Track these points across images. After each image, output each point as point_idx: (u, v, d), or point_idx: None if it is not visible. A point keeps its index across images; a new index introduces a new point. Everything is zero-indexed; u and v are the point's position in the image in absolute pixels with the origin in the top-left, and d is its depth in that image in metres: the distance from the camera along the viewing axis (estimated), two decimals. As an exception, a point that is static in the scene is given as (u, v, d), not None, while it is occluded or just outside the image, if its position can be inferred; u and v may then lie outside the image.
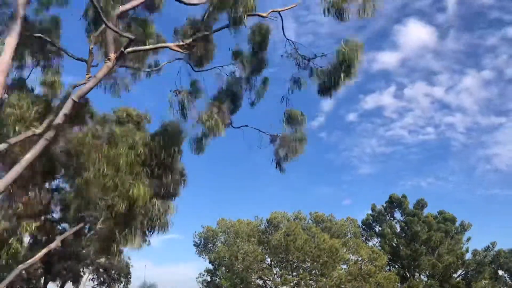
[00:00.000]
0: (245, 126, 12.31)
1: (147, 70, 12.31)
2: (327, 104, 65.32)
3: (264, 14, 10.15)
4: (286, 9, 10.33)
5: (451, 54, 57.74)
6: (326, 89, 10.63)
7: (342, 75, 9.94)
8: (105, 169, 9.45)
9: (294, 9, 10.54)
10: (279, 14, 10.32)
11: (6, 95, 11.11)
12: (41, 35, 10.93)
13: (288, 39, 10.89)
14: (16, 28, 8.24)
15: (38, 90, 12.37)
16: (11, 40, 8.19)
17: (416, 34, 52.92)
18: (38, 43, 11.46)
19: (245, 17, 9.32)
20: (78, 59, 11.10)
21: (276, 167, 12.13)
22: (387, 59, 54.43)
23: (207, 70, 11.88)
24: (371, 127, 60.31)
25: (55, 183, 19.43)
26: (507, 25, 58.62)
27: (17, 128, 10.11)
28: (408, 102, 59.55)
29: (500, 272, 47.80)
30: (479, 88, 59.46)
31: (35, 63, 12.24)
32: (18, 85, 12.00)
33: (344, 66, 9.88)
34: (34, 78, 12.33)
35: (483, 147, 64.61)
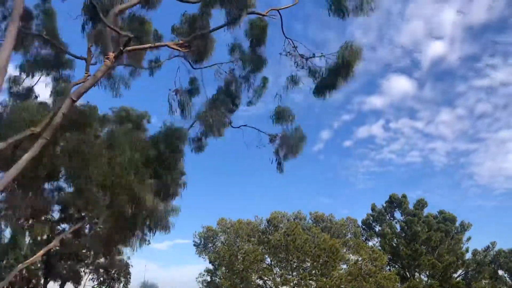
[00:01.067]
0: (244, 125, 12.31)
1: (146, 67, 12.29)
2: (325, 133, 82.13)
3: (264, 13, 10.13)
4: (285, 8, 10.31)
5: (429, 98, 76.36)
6: (322, 90, 10.61)
7: (339, 78, 9.93)
8: (106, 169, 9.44)
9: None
10: (279, 12, 10.30)
11: (15, 102, 11.15)
12: (40, 33, 10.92)
13: (287, 37, 10.87)
14: (14, 26, 8.23)
15: (44, 97, 12.42)
16: (11, 37, 8.18)
17: (399, 84, 71.94)
18: (37, 41, 11.44)
19: (243, 16, 9.29)
20: (77, 57, 11.08)
21: (277, 168, 12.13)
22: (376, 101, 72.55)
23: (206, 67, 11.86)
24: (365, 151, 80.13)
25: (55, 183, 19.42)
26: (472, 78, 79.19)
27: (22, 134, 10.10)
28: (394, 133, 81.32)
29: (500, 272, 47.78)
30: (454, 121, 76.76)
31: (46, 73, 12.27)
32: (26, 93, 12.06)
33: (342, 68, 9.87)
34: (44, 86, 12.40)
35: (463, 168, 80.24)
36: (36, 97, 12.40)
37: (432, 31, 59.98)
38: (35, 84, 12.52)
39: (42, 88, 12.59)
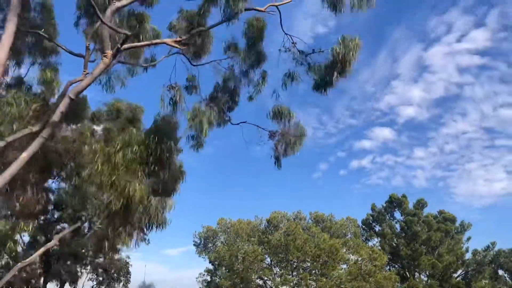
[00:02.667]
0: (244, 122, 12.23)
1: (144, 65, 12.21)
2: (323, 165, 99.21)
3: (262, 9, 10.06)
4: (284, 3, 10.24)
5: (406, 142, 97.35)
6: (320, 86, 10.55)
7: (336, 74, 9.88)
8: (101, 167, 9.38)
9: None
10: (277, 8, 10.22)
11: (3, 93, 11.08)
12: (38, 31, 10.86)
13: (286, 33, 10.81)
14: (12, 23, 8.19)
15: (35, 88, 12.30)
16: (8, 35, 8.14)
17: (382, 132, 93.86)
18: (35, 40, 11.39)
19: (240, 12, 9.22)
20: (75, 54, 11.02)
21: (275, 163, 12.05)
22: (364, 144, 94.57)
23: (204, 64, 11.79)
24: (357, 178, 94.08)
25: (53, 182, 19.38)
26: (439, 128, 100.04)
27: (14, 126, 10.06)
28: (380, 165, 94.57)
29: (500, 272, 47.72)
30: (429, 156, 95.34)
31: (33, 61, 12.16)
32: (16, 83, 11.94)
33: (339, 64, 9.82)
34: (32, 76, 12.27)
35: (442, 189, 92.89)
36: (28, 88, 12.27)
37: (404, 101, 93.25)
38: (26, 75, 12.43)
39: (32, 78, 12.45)
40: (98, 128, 11.86)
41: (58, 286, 30.62)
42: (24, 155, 8.57)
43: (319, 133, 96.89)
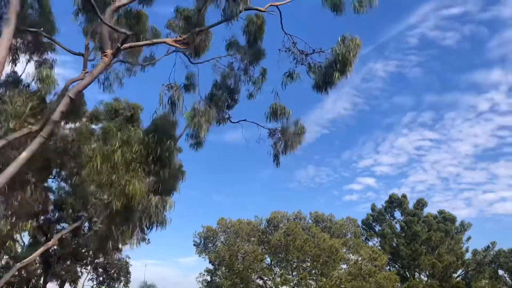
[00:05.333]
0: (244, 120, 12.21)
1: (143, 63, 12.17)
2: (322, 198, 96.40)
3: (262, 9, 10.04)
4: (284, 3, 10.21)
5: (382, 186, 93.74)
6: (321, 86, 10.54)
7: (336, 74, 9.85)
8: (100, 166, 9.35)
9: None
10: (277, 8, 10.20)
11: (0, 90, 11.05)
12: (37, 30, 10.82)
13: (286, 33, 10.78)
14: (11, 22, 8.17)
15: (32, 86, 12.26)
16: (7, 33, 8.13)
17: (366, 181, 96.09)
18: (31, 37, 11.35)
19: (240, 12, 9.20)
20: (75, 53, 10.99)
21: (273, 161, 12.04)
22: (353, 186, 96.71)
23: (204, 62, 11.76)
24: (349, 206, 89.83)
25: (53, 182, 19.37)
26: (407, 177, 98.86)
27: (11, 124, 10.03)
28: (365, 199, 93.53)
29: (500, 272, 47.67)
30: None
31: (29, 58, 12.12)
32: (12, 81, 11.89)
33: (339, 64, 9.80)
34: (29, 73, 12.22)
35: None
36: (26, 86, 12.22)
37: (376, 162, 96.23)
38: (22, 73, 12.39)
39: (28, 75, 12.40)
40: (97, 127, 11.83)
41: (58, 286, 30.60)
42: (24, 155, 8.55)
43: (318, 178, 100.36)
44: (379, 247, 46.56)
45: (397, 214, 51.07)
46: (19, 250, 23.15)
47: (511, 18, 62.07)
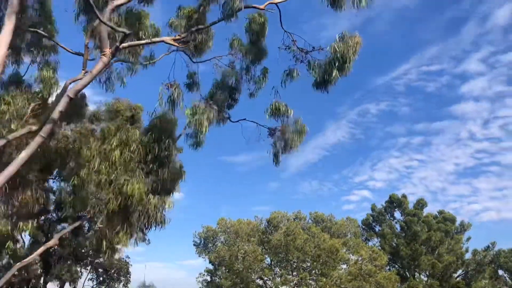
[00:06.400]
0: (244, 119, 12.19)
1: (143, 63, 12.17)
2: (323, 208, 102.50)
3: (261, 7, 10.02)
4: (284, 1, 10.19)
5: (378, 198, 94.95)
6: (321, 84, 10.53)
7: (335, 71, 9.85)
8: (99, 166, 9.35)
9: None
10: (277, 6, 10.18)
11: (1, 92, 11.07)
12: (37, 30, 10.84)
13: (286, 31, 10.75)
14: (11, 21, 8.19)
15: (34, 86, 12.28)
16: (6, 33, 8.14)
17: (361, 193, 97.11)
18: (34, 38, 11.37)
19: (239, 10, 9.19)
20: (74, 53, 11.01)
21: (273, 160, 12.01)
22: (350, 197, 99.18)
23: (205, 61, 11.75)
24: (347, 214, 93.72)
25: (53, 182, 19.38)
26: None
27: (12, 125, 10.04)
28: (361, 208, 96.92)
29: (500, 272, 47.65)
30: None
31: (32, 59, 12.14)
32: (15, 81, 11.91)
33: (338, 62, 9.79)
34: (31, 74, 12.25)
35: None
36: (27, 86, 12.23)
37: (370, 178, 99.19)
38: (25, 73, 12.41)
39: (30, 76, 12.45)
40: (97, 127, 11.83)
41: (58, 286, 30.65)
42: (23, 155, 8.56)
43: (321, 191, 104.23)
44: (379, 247, 46.53)
45: (397, 214, 51.10)
46: (19, 250, 23.18)
47: (475, 71, 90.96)
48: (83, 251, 27.73)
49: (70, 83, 10.16)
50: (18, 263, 13.29)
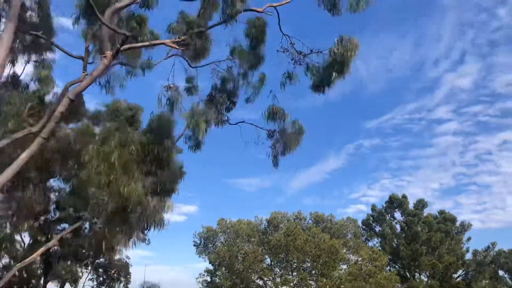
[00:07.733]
0: (242, 122, 12.26)
1: (143, 66, 12.23)
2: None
3: (260, 9, 10.08)
4: (283, 4, 10.25)
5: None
6: (319, 86, 10.59)
7: (334, 74, 9.91)
8: (98, 167, 9.38)
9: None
10: (275, 9, 10.25)
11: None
12: (37, 33, 10.88)
13: (284, 34, 10.81)
14: (12, 23, 8.23)
15: (31, 86, 12.32)
16: (7, 35, 8.18)
17: (357, 207, 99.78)
18: (30, 38, 11.39)
19: (239, 13, 9.23)
20: (75, 57, 11.05)
21: (272, 162, 12.09)
22: (346, 210, 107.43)
23: (204, 66, 11.81)
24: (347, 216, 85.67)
25: (54, 182, 19.42)
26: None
27: (10, 125, 10.08)
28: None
29: (500, 272, 47.67)
30: None
31: (28, 59, 12.18)
32: (11, 81, 11.95)
33: (336, 64, 9.85)
34: (28, 73, 12.29)
35: None
36: (25, 87, 12.27)
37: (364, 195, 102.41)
38: (21, 73, 12.45)
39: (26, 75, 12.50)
40: (97, 128, 11.88)
41: (58, 286, 30.67)
42: (23, 155, 8.60)
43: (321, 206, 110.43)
44: (379, 248, 46.59)
45: (397, 214, 51.12)
46: (20, 250, 23.23)
47: (447, 118, 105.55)
48: (83, 251, 27.74)
49: (69, 86, 10.22)
50: (18, 264, 13.33)
